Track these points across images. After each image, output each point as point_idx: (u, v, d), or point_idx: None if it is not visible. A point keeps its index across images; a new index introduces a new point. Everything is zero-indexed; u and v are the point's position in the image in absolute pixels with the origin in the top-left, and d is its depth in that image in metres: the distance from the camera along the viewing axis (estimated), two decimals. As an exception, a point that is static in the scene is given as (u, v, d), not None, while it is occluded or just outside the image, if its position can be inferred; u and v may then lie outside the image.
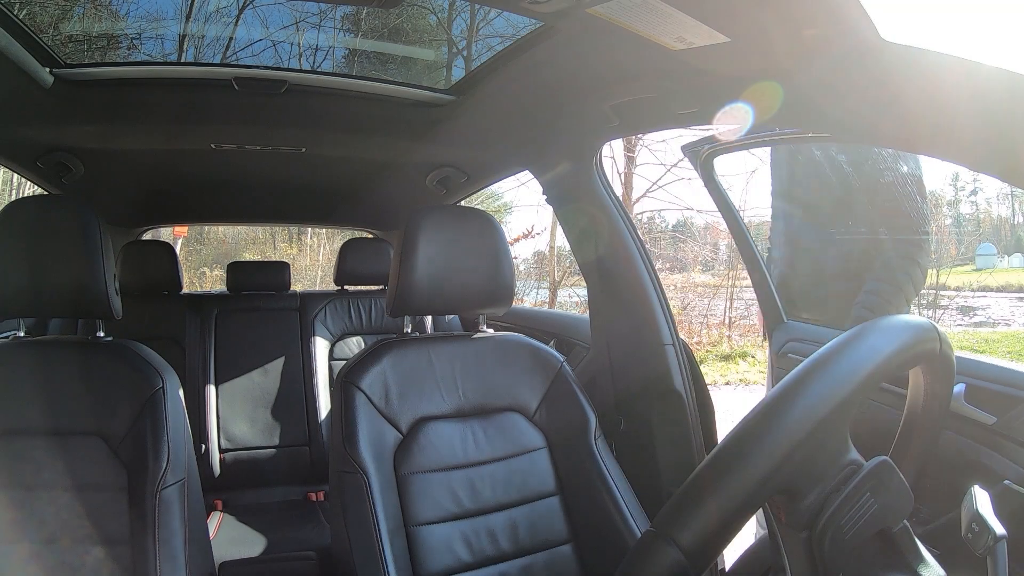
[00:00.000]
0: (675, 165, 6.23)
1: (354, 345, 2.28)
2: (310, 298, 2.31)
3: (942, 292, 9.32)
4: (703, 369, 1.68)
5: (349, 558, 0.97)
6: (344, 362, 1.56)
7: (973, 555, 0.46)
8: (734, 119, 0.99)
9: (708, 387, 1.39)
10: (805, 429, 0.46)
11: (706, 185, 1.61)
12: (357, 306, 2.31)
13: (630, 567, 0.46)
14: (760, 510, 0.49)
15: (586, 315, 1.55)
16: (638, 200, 6.56)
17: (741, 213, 1.79)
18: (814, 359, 0.49)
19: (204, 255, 10.30)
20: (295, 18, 1.20)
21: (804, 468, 0.47)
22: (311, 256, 9.94)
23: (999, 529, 0.47)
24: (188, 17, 1.15)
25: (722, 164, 2.01)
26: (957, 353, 0.62)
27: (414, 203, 2.05)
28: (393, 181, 2.00)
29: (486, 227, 1.16)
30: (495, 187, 7.97)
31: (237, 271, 2.39)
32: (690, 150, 1.58)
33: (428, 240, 1.10)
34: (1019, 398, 1.02)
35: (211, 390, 2.13)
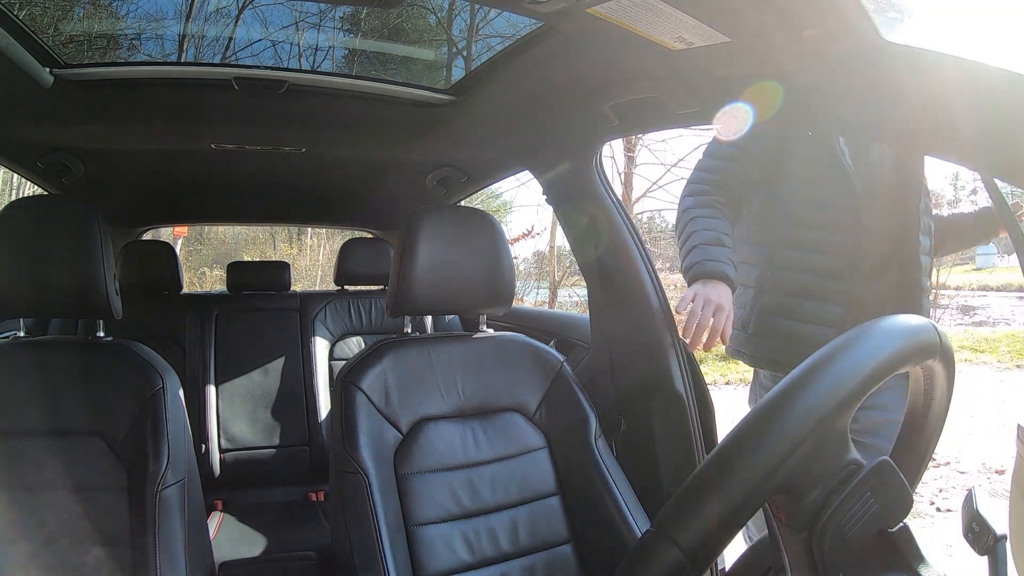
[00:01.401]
0: (675, 165, 6.22)
1: (354, 345, 2.28)
2: (310, 298, 2.32)
3: (942, 291, 9.32)
4: (703, 369, 1.67)
5: (349, 558, 0.97)
6: (344, 362, 1.56)
7: None
8: (734, 119, 0.99)
9: (708, 387, 1.39)
10: (805, 429, 0.46)
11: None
12: (357, 306, 2.31)
13: (630, 567, 0.46)
14: (760, 510, 0.49)
15: (586, 315, 1.55)
16: (638, 200, 6.54)
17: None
18: (814, 359, 0.49)
19: (204, 255, 10.32)
20: (295, 18, 1.20)
21: (804, 468, 0.47)
22: (311, 256, 9.95)
23: (999, 529, 0.47)
24: (188, 17, 1.15)
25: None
26: None
27: (414, 203, 2.05)
28: (393, 181, 2.00)
29: (486, 227, 1.16)
30: (495, 187, 7.96)
31: (237, 271, 2.39)
32: None
33: (428, 240, 1.10)
34: None
35: (211, 390, 2.13)
